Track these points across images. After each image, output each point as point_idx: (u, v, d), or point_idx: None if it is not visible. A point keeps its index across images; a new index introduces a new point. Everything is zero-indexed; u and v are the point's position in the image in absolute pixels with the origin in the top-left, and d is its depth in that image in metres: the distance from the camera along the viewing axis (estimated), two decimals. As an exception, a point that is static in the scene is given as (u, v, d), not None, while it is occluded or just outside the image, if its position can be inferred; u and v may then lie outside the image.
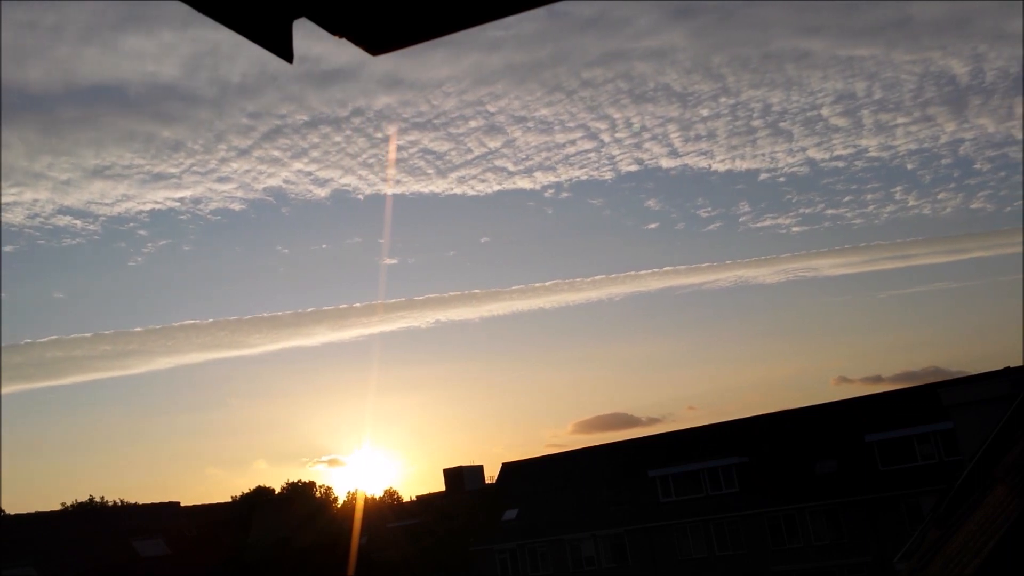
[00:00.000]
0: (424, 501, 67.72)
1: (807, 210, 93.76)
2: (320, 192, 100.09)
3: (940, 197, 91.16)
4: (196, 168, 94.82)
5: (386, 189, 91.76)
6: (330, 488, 76.63)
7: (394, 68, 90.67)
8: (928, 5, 79.97)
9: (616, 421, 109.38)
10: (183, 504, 57.66)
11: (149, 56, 77.79)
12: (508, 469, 61.00)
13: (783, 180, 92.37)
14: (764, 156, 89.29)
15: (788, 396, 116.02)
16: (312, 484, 75.14)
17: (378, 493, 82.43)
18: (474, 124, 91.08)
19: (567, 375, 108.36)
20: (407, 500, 77.82)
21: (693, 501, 49.08)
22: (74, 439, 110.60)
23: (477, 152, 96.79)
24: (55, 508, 67.41)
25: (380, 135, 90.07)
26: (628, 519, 50.61)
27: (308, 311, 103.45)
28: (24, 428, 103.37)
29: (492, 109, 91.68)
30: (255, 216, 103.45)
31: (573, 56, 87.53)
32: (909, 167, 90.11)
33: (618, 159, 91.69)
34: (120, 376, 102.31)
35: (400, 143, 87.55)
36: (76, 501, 71.12)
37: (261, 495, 68.87)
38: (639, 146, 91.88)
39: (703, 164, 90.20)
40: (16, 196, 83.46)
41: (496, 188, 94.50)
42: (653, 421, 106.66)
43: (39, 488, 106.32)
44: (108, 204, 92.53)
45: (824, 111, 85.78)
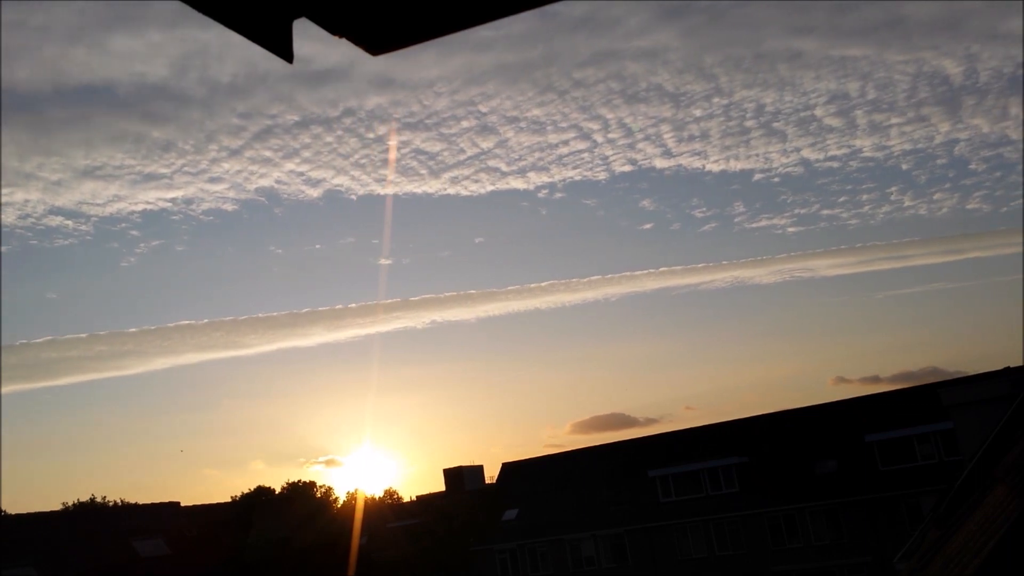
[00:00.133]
0: (424, 501, 67.65)
1: (802, 210, 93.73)
2: (312, 192, 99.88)
3: (936, 197, 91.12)
4: (187, 168, 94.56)
5: (385, 190, 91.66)
6: (330, 488, 76.54)
7: (384, 68, 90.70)
8: (920, 5, 79.89)
9: (614, 421, 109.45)
10: (183, 504, 57.75)
11: (137, 56, 77.63)
12: (508, 469, 61.04)
13: (778, 180, 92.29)
14: (758, 156, 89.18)
15: (786, 396, 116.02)
16: (312, 484, 75.00)
17: (378, 493, 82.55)
18: (466, 124, 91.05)
19: (564, 375, 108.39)
20: (407, 500, 77.76)
21: (693, 501, 49.09)
22: (72, 439, 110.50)
23: (470, 152, 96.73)
24: (55, 508, 67.49)
25: (372, 135, 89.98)
26: (628, 519, 50.63)
27: (303, 312, 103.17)
28: (22, 428, 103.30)
29: (484, 109, 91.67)
30: (248, 216, 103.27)
31: (564, 56, 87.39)
32: (904, 167, 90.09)
33: (611, 159, 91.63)
34: (116, 376, 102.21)
35: (393, 143, 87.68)
36: (78, 500, 71.20)
37: (261, 495, 68.77)
38: (632, 146, 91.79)
39: (697, 164, 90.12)
40: (7, 196, 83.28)
41: (489, 188, 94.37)
42: (651, 421, 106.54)
43: (39, 488, 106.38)
44: (100, 204, 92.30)
45: (818, 111, 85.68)
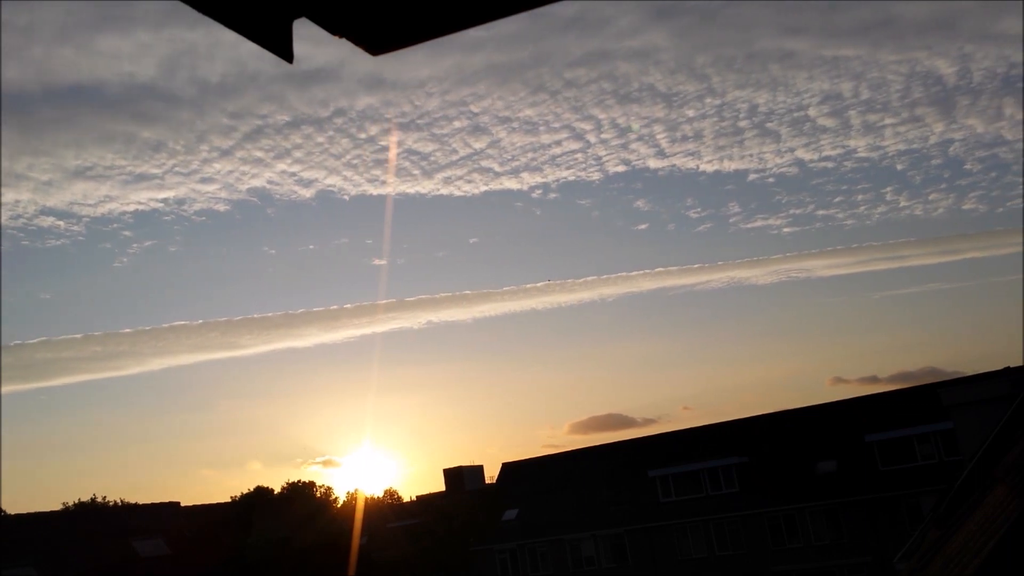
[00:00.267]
0: (424, 501, 67.67)
1: (798, 211, 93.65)
2: (305, 193, 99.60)
3: (931, 198, 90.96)
4: (178, 169, 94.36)
5: (384, 190, 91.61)
6: (330, 488, 76.51)
7: (375, 68, 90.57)
8: (913, 5, 79.67)
9: (611, 422, 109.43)
10: (183, 504, 57.77)
11: (126, 56, 77.29)
12: (508, 469, 61.04)
13: (772, 181, 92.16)
14: (752, 157, 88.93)
15: (783, 397, 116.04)
16: (312, 484, 74.89)
17: (378, 493, 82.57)
18: (458, 124, 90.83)
19: (561, 376, 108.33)
20: (407, 500, 77.79)
21: (693, 501, 49.09)
22: (70, 440, 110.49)
23: (462, 153, 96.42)
24: (55, 508, 67.48)
25: (363, 135, 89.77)
26: (628, 519, 50.63)
27: (299, 312, 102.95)
28: (19, 429, 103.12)
29: (476, 109, 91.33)
30: (240, 217, 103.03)
31: (555, 56, 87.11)
32: (899, 167, 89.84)
33: (605, 160, 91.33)
34: (112, 377, 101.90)
35: (384, 144, 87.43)
36: (78, 500, 71.17)
37: (261, 495, 68.71)
38: (626, 146, 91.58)
39: (691, 165, 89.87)
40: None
41: (483, 189, 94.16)
42: (648, 422, 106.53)
43: (38, 488, 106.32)
44: (91, 205, 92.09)
45: (811, 111, 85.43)
